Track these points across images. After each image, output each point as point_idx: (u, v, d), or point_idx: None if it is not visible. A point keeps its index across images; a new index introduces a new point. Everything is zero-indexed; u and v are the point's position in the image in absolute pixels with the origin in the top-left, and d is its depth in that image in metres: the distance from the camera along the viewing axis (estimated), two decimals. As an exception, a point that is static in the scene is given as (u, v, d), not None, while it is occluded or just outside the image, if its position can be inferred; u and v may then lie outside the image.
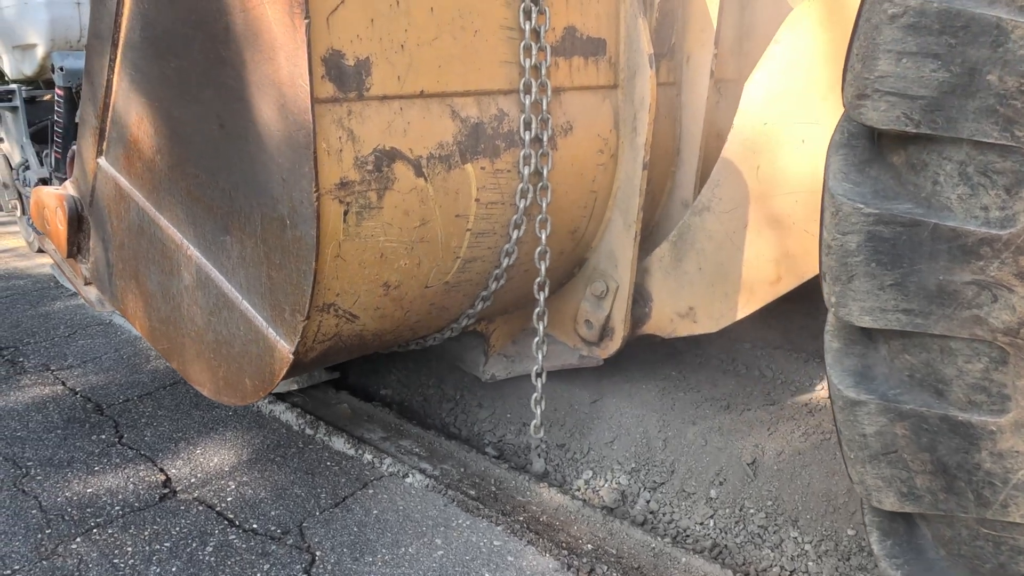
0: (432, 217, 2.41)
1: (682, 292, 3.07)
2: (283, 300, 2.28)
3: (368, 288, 2.37)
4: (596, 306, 3.19)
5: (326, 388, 3.86)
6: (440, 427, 3.70)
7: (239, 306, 2.45)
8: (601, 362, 3.27)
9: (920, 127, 1.49)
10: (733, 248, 2.88)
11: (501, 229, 2.67)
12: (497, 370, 3.37)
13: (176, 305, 2.75)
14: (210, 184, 2.42)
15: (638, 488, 3.08)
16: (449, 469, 3.16)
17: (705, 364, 3.79)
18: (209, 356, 2.65)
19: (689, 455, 3.07)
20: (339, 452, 3.29)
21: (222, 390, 2.64)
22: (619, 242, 3.08)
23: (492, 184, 2.55)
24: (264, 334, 2.38)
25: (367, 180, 2.19)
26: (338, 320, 2.37)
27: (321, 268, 2.18)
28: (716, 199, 2.89)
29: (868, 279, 1.61)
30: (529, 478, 3.11)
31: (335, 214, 2.14)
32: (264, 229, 2.27)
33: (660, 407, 3.31)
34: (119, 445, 3.36)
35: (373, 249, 2.29)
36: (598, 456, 3.25)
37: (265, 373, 2.43)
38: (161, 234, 2.70)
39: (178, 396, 3.83)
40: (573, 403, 3.44)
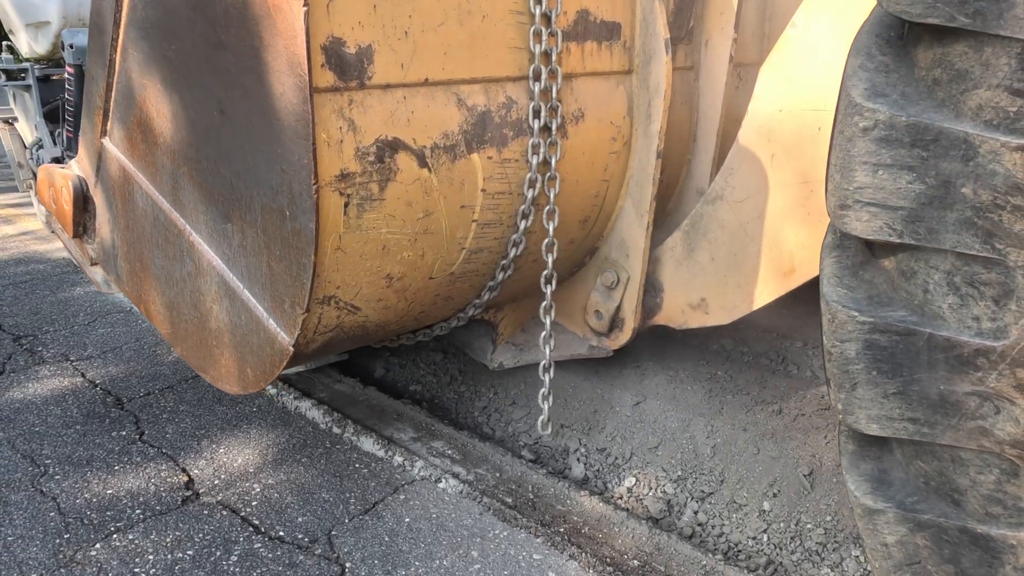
0: (436, 208, 2.35)
1: (694, 283, 3.00)
2: (283, 292, 2.24)
3: (370, 280, 2.33)
4: (606, 296, 3.13)
5: (353, 384, 3.78)
6: (473, 427, 3.58)
7: (240, 295, 2.42)
8: (611, 353, 3.21)
9: (903, 237, 1.47)
10: (746, 238, 2.80)
11: (508, 220, 2.60)
12: (505, 358, 3.33)
13: (180, 291, 2.72)
14: (211, 170, 2.38)
15: (685, 498, 2.94)
16: (484, 474, 3.04)
17: (754, 364, 3.62)
18: (212, 344, 2.63)
19: (740, 463, 2.93)
20: (368, 453, 3.19)
21: (224, 378, 2.62)
22: (631, 232, 3.01)
23: (499, 174, 2.48)
24: (264, 325, 2.35)
25: (368, 171, 2.13)
26: (339, 312, 2.33)
27: (321, 261, 2.13)
28: (730, 188, 2.81)
29: (871, 387, 1.58)
30: (569, 485, 2.97)
31: (335, 206, 2.09)
32: (264, 219, 2.22)
33: (708, 411, 3.17)
34: (139, 442, 3.28)
35: (375, 241, 2.24)
36: (641, 462, 3.12)
37: (266, 364, 2.40)
38: (164, 218, 2.67)
39: (200, 390, 3.74)
40: (614, 405, 3.32)
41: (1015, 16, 1.30)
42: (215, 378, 2.67)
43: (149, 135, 2.62)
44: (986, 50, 1.35)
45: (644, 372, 3.43)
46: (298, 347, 2.30)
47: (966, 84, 1.39)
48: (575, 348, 3.27)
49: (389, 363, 4.11)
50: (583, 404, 3.38)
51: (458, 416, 3.69)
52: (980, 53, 1.36)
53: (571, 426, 3.37)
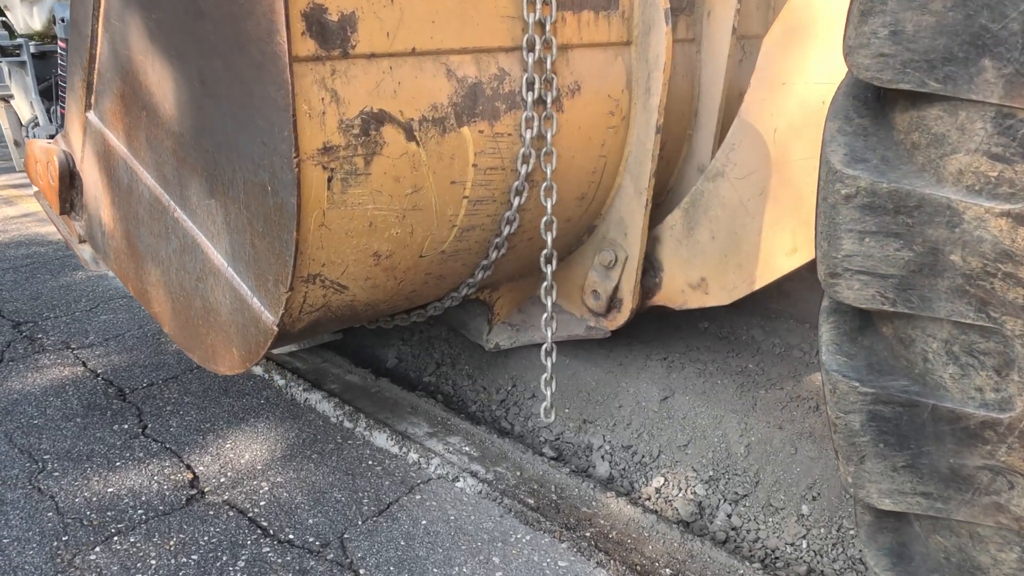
0: (425, 184, 2.27)
1: (694, 262, 2.92)
2: (266, 270, 2.18)
3: (357, 258, 2.26)
4: (604, 276, 3.05)
5: (365, 375, 3.62)
6: (490, 421, 3.43)
7: (224, 273, 2.35)
8: (608, 334, 3.14)
9: (896, 305, 1.42)
10: (747, 216, 2.72)
11: (502, 196, 2.53)
12: (501, 339, 3.26)
13: (166, 269, 2.66)
14: (193, 144, 2.30)
15: (717, 500, 2.79)
16: (503, 472, 2.87)
17: (786, 356, 3.44)
18: (197, 323, 2.57)
19: (776, 464, 2.77)
20: (381, 449, 3.03)
21: (210, 358, 2.56)
22: (629, 210, 2.92)
23: (491, 148, 2.40)
24: (249, 304, 2.28)
25: (353, 145, 2.06)
26: (325, 291, 2.27)
27: (304, 238, 2.07)
28: (730, 164, 2.72)
29: (879, 460, 1.52)
30: (594, 485, 2.81)
31: (318, 181, 2.02)
32: (247, 194, 2.15)
33: (740, 407, 3.01)
34: (142, 437, 3.12)
35: (361, 218, 2.17)
36: (670, 461, 2.96)
37: (251, 344, 2.34)
38: (149, 194, 2.60)
39: (206, 381, 3.59)
40: (640, 400, 3.17)
41: (985, 80, 1.24)
42: (202, 358, 2.61)
43: (132, 108, 2.55)
44: (960, 114, 1.30)
45: (671, 365, 3.27)
46: (283, 327, 2.23)
47: (944, 148, 1.34)
48: (572, 329, 3.20)
49: (401, 352, 3.96)
50: (606, 398, 3.23)
51: (475, 410, 3.54)
52: (955, 117, 1.31)
53: (594, 421, 3.21)
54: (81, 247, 3.24)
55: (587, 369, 3.34)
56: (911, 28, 1.30)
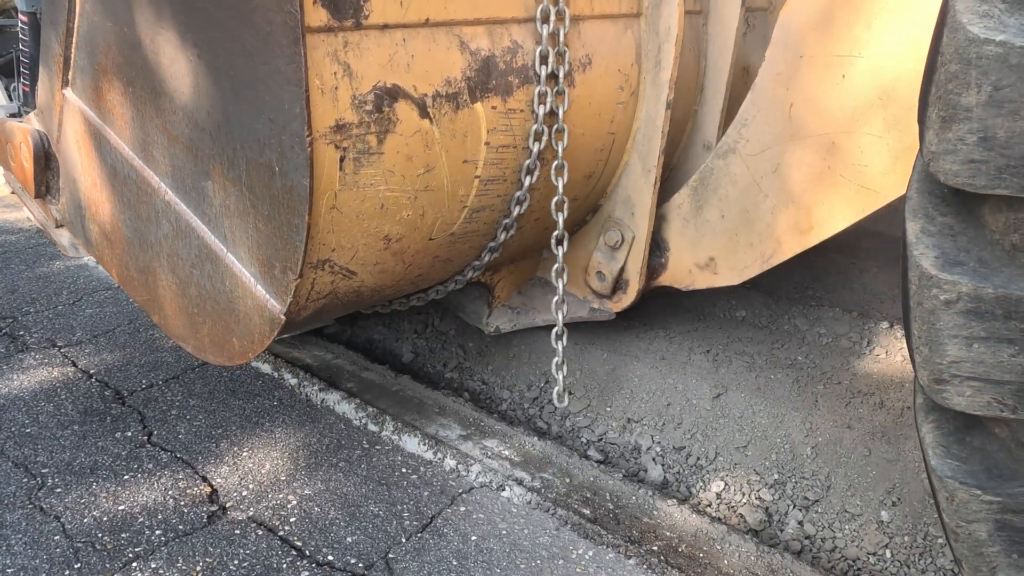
0: (438, 163, 2.16)
1: (702, 241, 2.85)
2: (272, 255, 2.05)
3: (367, 242, 2.14)
4: (610, 257, 2.97)
5: (383, 372, 3.40)
6: (525, 421, 3.22)
7: (223, 259, 2.22)
8: (613, 316, 3.07)
9: (1018, 412, 1.33)
10: (760, 194, 2.65)
11: (512, 175, 2.42)
12: (502, 322, 3.18)
13: (155, 254, 2.51)
14: (188, 123, 2.16)
15: (786, 506, 2.62)
16: (551, 479, 2.66)
17: (834, 347, 3.25)
18: (192, 311, 2.43)
19: (848, 466, 2.62)
20: (413, 455, 2.81)
21: (207, 348, 2.43)
22: (637, 188, 2.84)
23: (504, 126, 2.30)
24: (252, 291, 2.16)
25: (366, 122, 1.94)
26: (334, 277, 2.15)
27: (315, 221, 1.95)
28: (743, 140, 2.65)
29: (1015, 571, 1.43)
30: (651, 492, 2.61)
31: (330, 160, 1.90)
32: (250, 176, 2.02)
33: (800, 404, 2.84)
34: (149, 445, 2.85)
35: (373, 199, 2.06)
36: (728, 463, 2.78)
37: (254, 334, 2.21)
38: (136, 176, 2.45)
39: (210, 380, 3.32)
40: (690, 397, 3.01)
41: None
42: (197, 348, 2.48)
43: (115, 84, 2.39)
44: None
45: (717, 359, 3.11)
46: (290, 315, 2.11)
47: None
48: (576, 311, 3.12)
49: (417, 346, 3.75)
50: (652, 396, 3.07)
51: (506, 408, 3.30)
52: None
53: (640, 421, 3.04)
54: (58, 233, 3.07)
55: (627, 364, 3.20)
56: (1003, 134, 1.25)
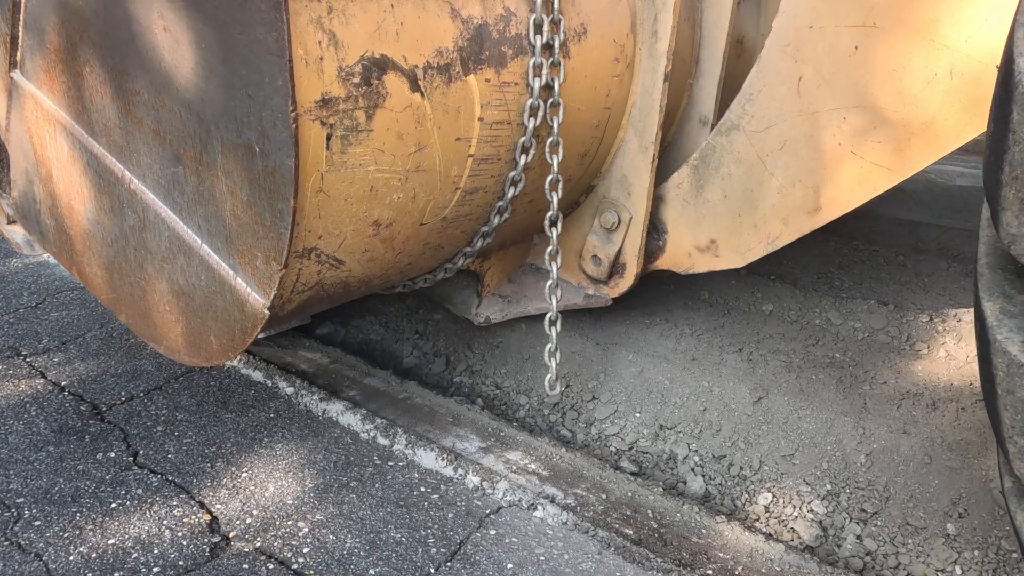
0: (429, 141, 2.00)
1: (703, 223, 2.72)
2: (253, 245, 1.88)
3: (356, 228, 1.98)
4: (606, 239, 2.83)
5: (386, 377, 3.11)
6: (546, 428, 2.99)
7: (198, 251, 2.04)
8: (610, 301, 2.93)
9: None
10: (765, 173, 2.53)
11: (507, 154, 2.27)
12: (492, 312, 3.02)
13: (121, 248, 2.31)
14: (154, 102, 1.97)
15: (842, 519, 2.45)
16: (585, 496, 2.44)
17: (872, 342, 3.02)
18: (164, 309, 2.24)
19: (908, 476, 2.45)
20: (431, 471, 2.56)
21: (182, 349, 2.25)
22: (633, 166, 2.70)
23: (498, 100, 2.14)
24: (231, 285, 1.98)
25: (354, 96, 1.77)
26: (320, 267, 1.98)
27: (301, 205, 1.77)
28: (747, 116, 2.52)
29: None
30: (698, 508, 2.42)
31: (316, 139, 1.72)
32: (226, 159, 1.84)
33: (848, 407, 2.66)
34: (135, 467, 2.54)
35: (362, 181, 1.89)
36: (774, 473, 2.59)
37: (235, 331, 2.04)
38: (97, 164, 2.25)
39: (197, 391, 3.00)
40: (727, 401, 2.81)
41: None
42: (170, 349, 2.29)
43: (71, 64, 2.18)
44: None
45: (752, 358, 2.92)
46: (274, 309, 1.94)
47: None
48: (570, 298, 2.98)
49: (419, 347, 3.49)
50: (686, 400, 2.88)
51: (525, 415, 3.07)
52: None
53: (674, 427, 2.84)
54: (11, 229, 2.84)
55: (655, 365, 3.02)
56: None
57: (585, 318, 3.28)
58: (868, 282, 3.46)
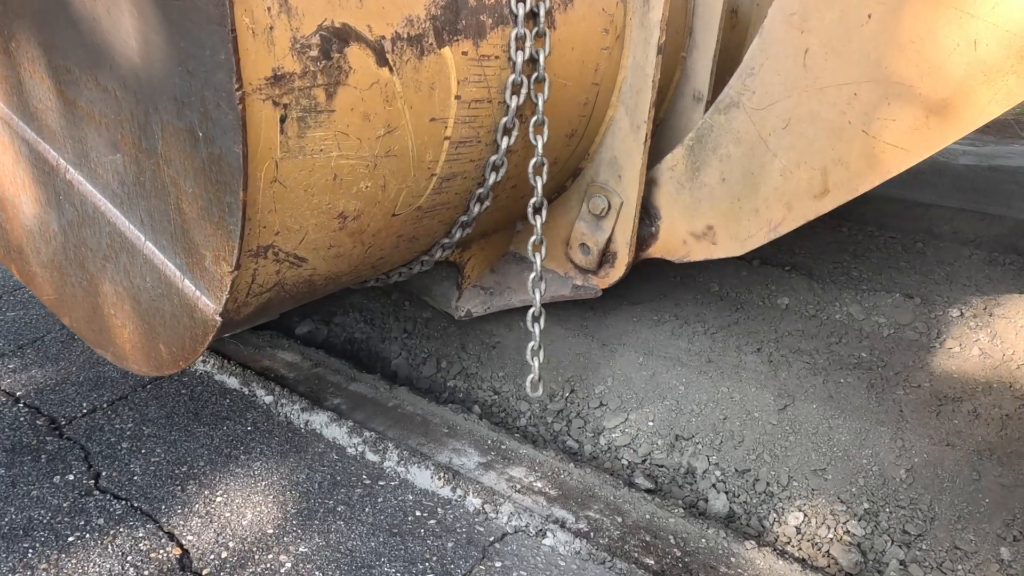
0: (400, 123, 1.78)
1: (699, 208, 2.53)
2: (201, 243, 1.66)
3: (319, 222, 1.76)
4: (595, 227, 2.63)
5: (374, 382, 2.86)
6: (550, 438, 2.75)
7: (141, 249, 1.82)
8: (600, 292, 2.73)
9: None
10: (767, 154, 2.33)
11: (487, 136, 2.06)
12: (473, 305, 2.82)
13: (60, 245, 2.09)
14: (86, 82, 1.74)
15: (883, 542, 2.23)
16: (599, 519, 2.19)
17: (899, 340, 2.80)
18: (108, 313, 2.02)
19: (954, 493, 2.25)
20: (427, 492, 2.31)
21: (129, 356, 2.03)
22: (624, 147, 2.50)
23: (476, 76, 1.92)
24: (178, 288, 1.76)
25: (311, 72, 1.55)
26: (279, 266, 1.77)
27: (253, 198, 1.56)
28: (748, 92, 2.31)
29: None
30: (724, 533, 2.18)
31: (268, 121, 1.50)
32: (167, 145, 1.62)
33: (884, 415, 2.45)
34: (97, 492, 2.25)
35: (323, 168, 1.67)
36: (805, 490, 2.36)
37: (184, 338, 1.82)
38: (30, 152, 2.02)
39: (166, 400, 2.69)
40: (749, 408, 2.59)
41: None
42: (118, 356, 2.07)
43: (-3, 37, 1.94)
44: None
45: (772, 359, 2.71)
46: (227, 314, 1.73)
47: None
48: (556, 289, 2.78)
49: (409, 347, 3.23)
50: (705, 407, 2.66)
51: (526, 424, 2.82)
52: None
53: (691, 438, 2.61)
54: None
55: (669, 369, 2.80)
56: None
57: (589, 315, 3.07)
58: (888, 272, 3.26)
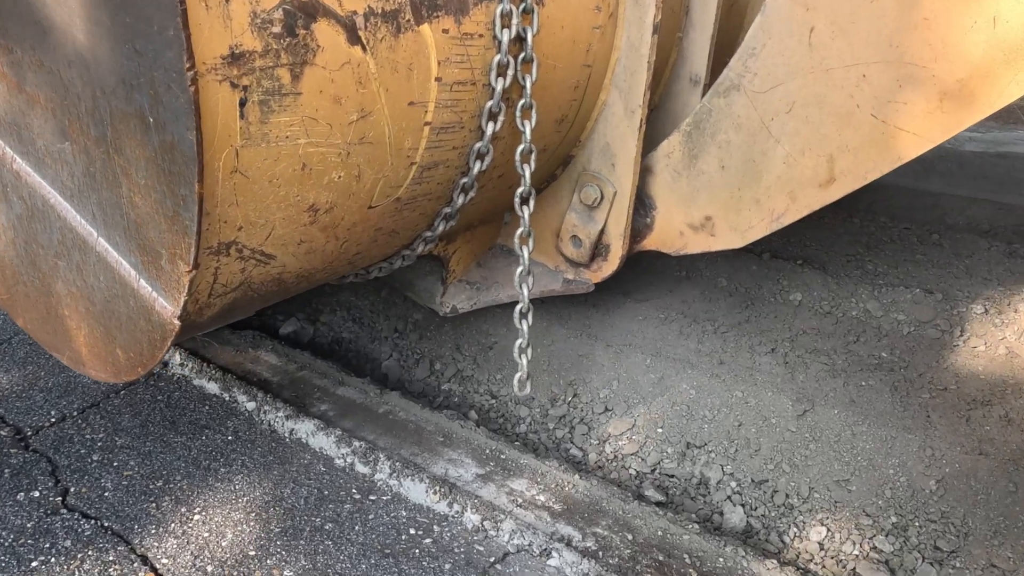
0: (375, 107, 1.63)
1: (697, 197, 2.39)
2: (156, 240, 1.51)
3: (287, 215, 1.61)
4: (587, 218, 2.49)
5: (363, 386, 2.69)
6: (551, 446, 2.60)
7: (94, 247, 1.67)
8: (592, 287, 2.60)
9: None
10: (770, 140, 2.20)
11: (471, 121, 1.91)
12: (459, 301, 2.68)
13: (10, 242, 1.94)
14: (31, 63, 1.58)
15: (913, 559, 2.09)
16: (608, 536, 2.03)
17: (920, 337, 2.66)
18: (63, 314, 1.88)
19: (989, 506, 2.11)
20: (421, 507, 2.15)
21: (86, 361, 1.88)
22: (618, 133, 2.36)
23: (459, 56, 1.77)
24: (134, 288, 1.62)
25: (274, 50, 1.40)
26: (244, 264, 1.62)
27: (211, 191, 1.41)
28: (749, 74, 2.18)
29: None
30: (744, 551, 2.01)
31: (226, 104, 1.36)
32: (117, 132, 1.47)
33: (910, 421, 2.30)
34: (64, 510, 2.07)
35: (290, 157, 1.52)
36: (828, 502, 2.22)
37: (141, 343, 1.68)
38: (-25, 139, 1.86)
39: (141, 408, 2.50)
40: (765, 413, 2.44)
41: None
42: (73, 361, 1.93)
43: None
44: None
45: (788, 360, 2.57)
46: (187, 317, 1.58)
47: None
48: (546, 284, 2.64)
49: (400, 348, 3.05)
50: (718, 413, 2.51)
51: (526, 430, 2.66)
52: None
53: (704, 446, 2.46)
54: None
55: (679, 371, 2.65)
56: None
57: (592, 314, 2.92)
58: (904, 265, 3.11)
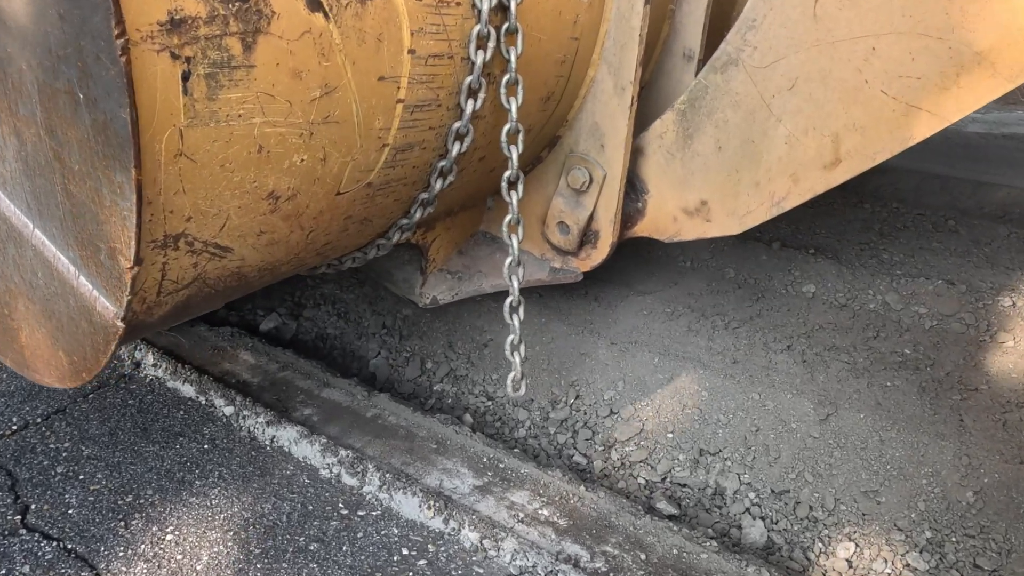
0: (341, 82, 1.47)
1: (692, 181, 2.25)
2: (94, 233, 1.35)
3: (243, 204, 1.45)
4: (574, 203, 2.34)
5: (350, 387, 2.53)
6: (553, 452, 2.44)
7: (30, 239, 1.50)
8: (580, 276, 2.45)
9: None
10: (771, 119, 2.05)
11: (449, 99, 1.75)
12: (439, 292, 2.53)
13: (-57, 232, 1.76)
14: (-49, 32, 1.41)
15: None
16: (618, 556, 1.87)
17: (944, 331, 2.49)
18: (2, 313, 1.71)
19: None
20: (414, 524, 2.00)
21: (29, 364, 1.72)
22: (607, 112, 2.20)
23: (434, 26, 1.61)
24: (73, 286, 1.45)
25: (221, 16, 1.23)
26: (196, 258, 1.46)
27: (151, 177, 1.25)
28: (749, 48, 2.03)
29: None
30: (768, 572, 1.87)
31: (165, 78, 1.19)
32: (47, 111, 1.30)
33: (943, 426, 2.16)
34: (24, 530, 1.91)
35: (244, 139, 1.36)
36: (855, 515, 2.08)
37: (85, 346, 1.52)
38: (-99, 120, 1.68)
39: (110, 413, 2.33)
40: (785, 418, 2.29)
41: None
42: (17, 363, 1.76)
43: None
44: None
45: (807, 359, 2.43)
46: (132, 318, 1.42)
47: None
48: (532, 272, 2.49)
49: (388, 346, 2.89)
50: (733, 417, 2.36)
51: (526, 435, 2.50)
52: None
53: (720, 452, 2.31)
54: None
55: (689, 371, 2.51)
56: None
57: (594, 308, 2.76)
58: (921, 254, 2.96)
